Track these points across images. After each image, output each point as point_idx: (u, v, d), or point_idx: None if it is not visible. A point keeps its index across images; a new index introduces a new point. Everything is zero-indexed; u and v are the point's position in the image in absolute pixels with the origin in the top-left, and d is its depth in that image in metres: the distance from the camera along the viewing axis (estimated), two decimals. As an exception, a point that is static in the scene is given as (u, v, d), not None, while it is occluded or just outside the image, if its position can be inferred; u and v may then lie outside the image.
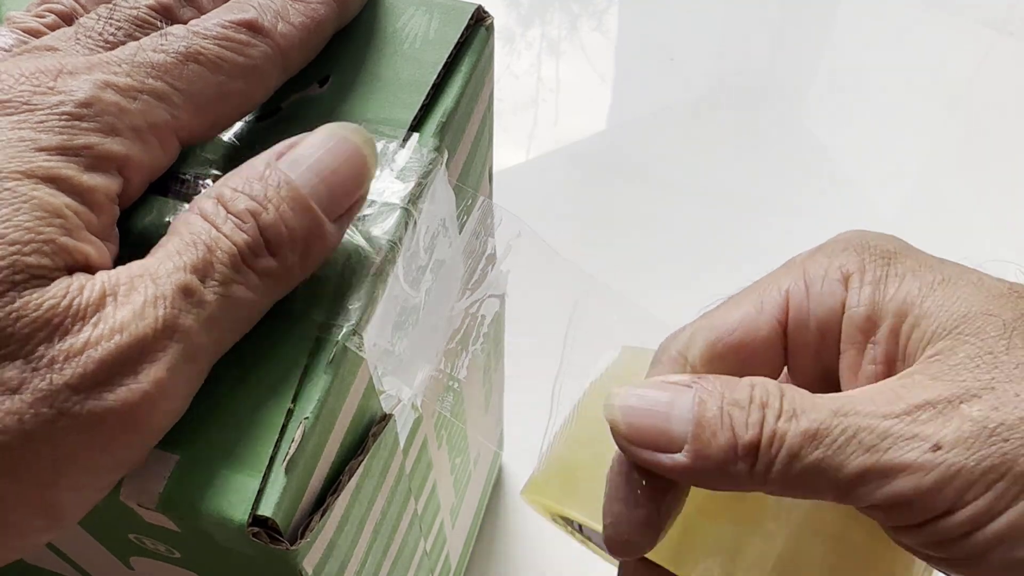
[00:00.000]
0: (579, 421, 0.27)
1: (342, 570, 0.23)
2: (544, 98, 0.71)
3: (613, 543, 0.22)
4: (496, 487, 0.51)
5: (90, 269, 0.18)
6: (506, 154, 0.67)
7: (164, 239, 0.19)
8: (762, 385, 0.20)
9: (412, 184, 0.22)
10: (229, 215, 0.19)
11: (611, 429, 0.22)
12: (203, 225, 0.19)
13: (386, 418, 0.23)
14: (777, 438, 0.19)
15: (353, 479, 0.22)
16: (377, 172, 0.22)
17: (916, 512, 0.19)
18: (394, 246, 0.22)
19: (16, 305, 0.17)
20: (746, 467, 0.20)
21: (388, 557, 0.28)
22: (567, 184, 0.67)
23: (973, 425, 0.18)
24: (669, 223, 0.64)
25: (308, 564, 0.20)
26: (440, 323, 0.25)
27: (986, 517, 0.18)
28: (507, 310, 0.27)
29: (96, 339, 0.17)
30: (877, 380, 0.21)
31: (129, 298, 0.17)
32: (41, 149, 0.18)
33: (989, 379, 0.19)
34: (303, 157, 0.20)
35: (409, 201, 0.22)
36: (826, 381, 0.23)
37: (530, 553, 0.50)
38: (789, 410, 0.20)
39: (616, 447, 0.22)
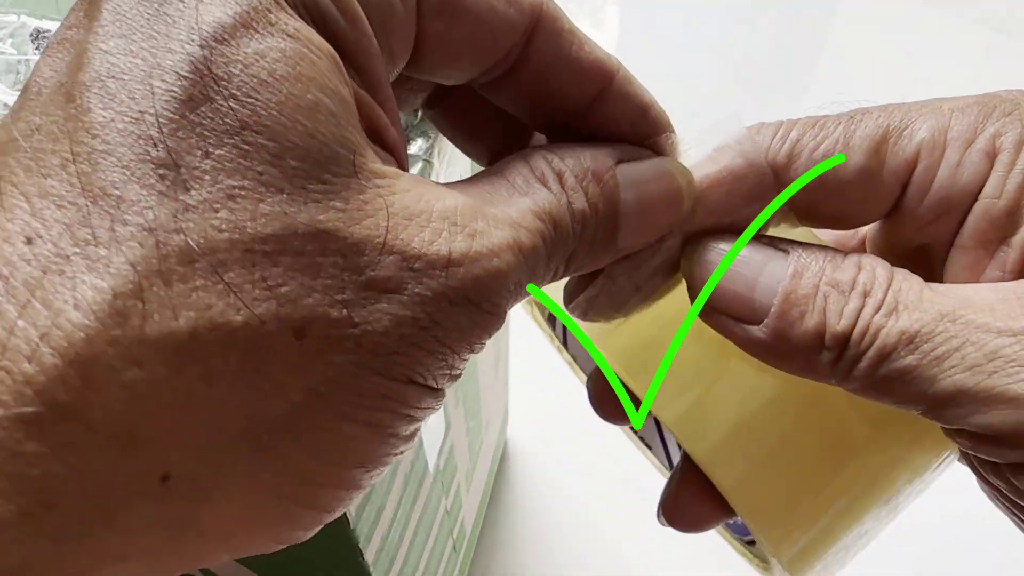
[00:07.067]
0: None
1: (379, 515, 0.24)
2: (542, 97, 0.71)
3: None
4: (502, 462, 0.52)
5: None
6: (502, 154, 0.67)
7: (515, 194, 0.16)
8: (871, 268, 0.17)
9: (433, 138, 0.23)
10: (571, 203, 0.17)
11: (686, 281, 0.19)
12: (559, 207, 0.16)
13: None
14: (870, 333, 0.17)
15: (388, 423, 0.22)
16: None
17: (1011, 450, 0.16)
18: (419, 197, 0.22)
19: None
20: (830, 359, 0.17)
21: (416, 509, 0.28)
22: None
23: None
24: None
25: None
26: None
27: None
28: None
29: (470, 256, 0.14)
30: None
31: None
32: None
33: None
34: (640, 178, 0.18)
35: (431, 154, 0.23)
36: (917, 258, 0.19)
37: (536, 526, 0.51)
38: (891, 303, 0.17)
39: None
